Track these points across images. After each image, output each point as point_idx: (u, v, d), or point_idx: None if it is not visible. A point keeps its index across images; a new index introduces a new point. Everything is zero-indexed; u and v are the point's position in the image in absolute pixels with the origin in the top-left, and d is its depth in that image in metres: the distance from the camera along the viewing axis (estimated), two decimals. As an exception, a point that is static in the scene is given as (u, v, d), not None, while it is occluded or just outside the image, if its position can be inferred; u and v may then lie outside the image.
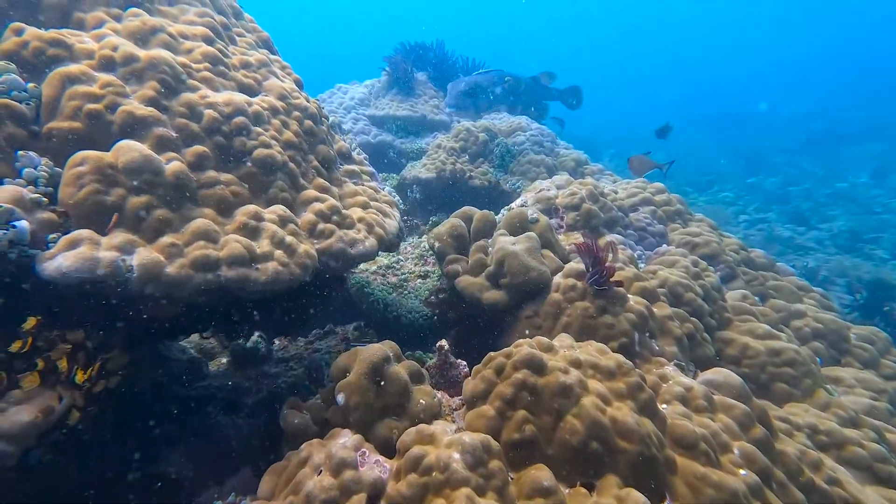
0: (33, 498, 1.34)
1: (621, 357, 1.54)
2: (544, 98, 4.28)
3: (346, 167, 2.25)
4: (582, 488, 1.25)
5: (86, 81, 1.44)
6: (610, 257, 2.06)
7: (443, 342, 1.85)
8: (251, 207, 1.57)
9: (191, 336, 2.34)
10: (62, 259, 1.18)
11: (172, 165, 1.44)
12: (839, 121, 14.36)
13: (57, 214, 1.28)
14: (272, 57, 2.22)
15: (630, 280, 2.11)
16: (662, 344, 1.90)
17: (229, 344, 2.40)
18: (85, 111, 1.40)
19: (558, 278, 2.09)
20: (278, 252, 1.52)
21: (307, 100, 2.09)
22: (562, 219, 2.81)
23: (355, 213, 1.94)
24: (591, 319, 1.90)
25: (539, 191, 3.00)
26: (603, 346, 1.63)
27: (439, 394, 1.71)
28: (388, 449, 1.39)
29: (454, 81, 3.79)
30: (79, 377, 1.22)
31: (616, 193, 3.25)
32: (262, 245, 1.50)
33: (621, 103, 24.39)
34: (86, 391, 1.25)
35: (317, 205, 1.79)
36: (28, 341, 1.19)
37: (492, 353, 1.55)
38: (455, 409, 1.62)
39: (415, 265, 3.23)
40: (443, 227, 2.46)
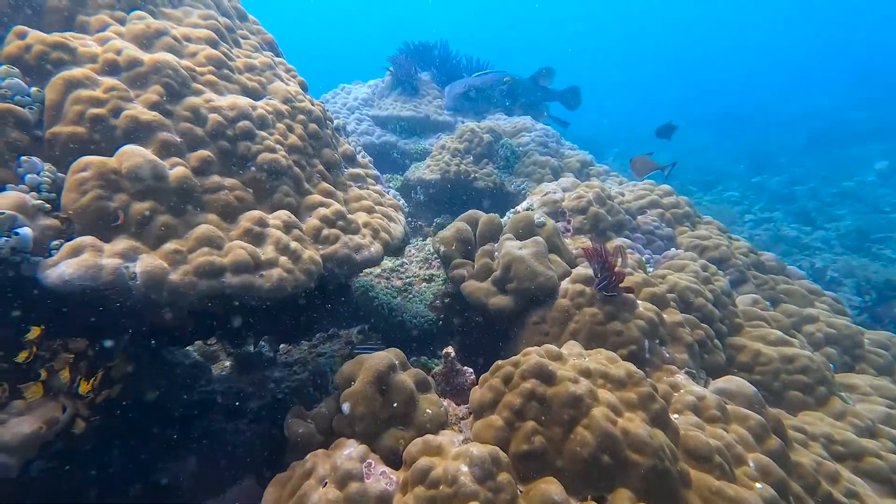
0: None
1: (632, 366, 1.50)
2: (543, 99, 4.25)
3: (351, 171, 2.23)
4: (593, 503, 1.22)
5: (89, 86, 1.42)
6: (619, 262, 2.03)
7: (449, 349, 1.82)
8: (255, 213, 1.55)
9: (194, 343, 2.32)
10: (65, 267, 1.17)
11: (176, 171, 1.42)
12: (843, 120, 14.22)
13: (60, 220, 1.26)
14: (277, 59, 2.20)
15: (639, 286, 2.07)
16: (673, 351, 1.86)
17: (233, 350, 2.38)
18: (88, 116, 1.38)
19: (566, 284, 2.06)
20: (283, 258, 1.49)
21: (312, 103, 2.06)
22: (568, 222, 2.78)
23: (360, 218, 1.92)
24: (600, 326, 1.86)
25: (545, 194, 2.97)
26: (613, 355, 1.59)
27: (445, 402, 1.68)
28: (395, 459, 1.37)
29: (451, 84, 3.76)
30: (83, 388, 1.20)
31: (623, 196, 3.21)
32: (267, 251, 1.48)
33: (624, 103, 24.28)
34: (89, 401, 1.24)
35: (322, 210, 1.76)
36: (32, 351, 1.17)
37: (499, 362, 1.52)
38: (462, 419, 1.59)
39: (419, 268, 3.20)
40: (448, 232, 2.43)
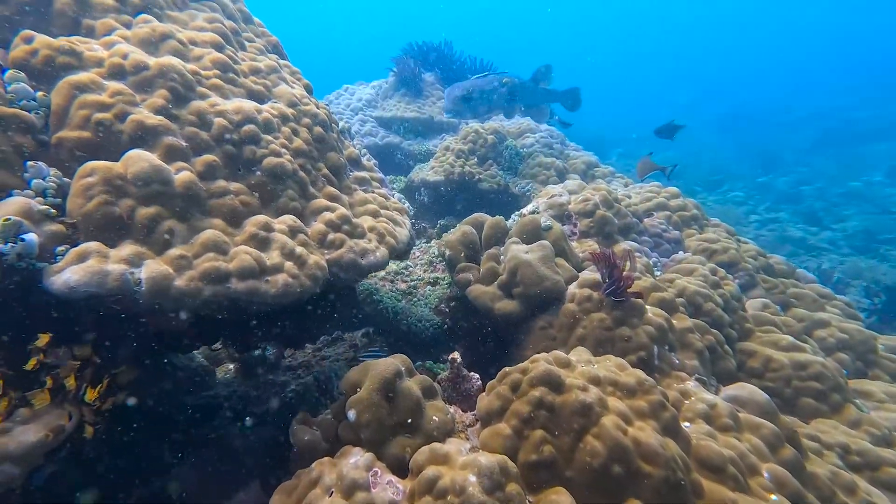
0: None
1: (642, 373, 1.48)
2: (543, 100, 4.22)
3: (356, 174, 2.22)
4: (604, 514, 1.20)
5: (95, 90, 1.42)
6: (627, 266, 2.00)
7: (455, 354, 1.80)
8: (261, 218, 1.54)
9: (199, 348, 2.32)
10: (70, 273, 1.16)
11: (182, 175, 1.41)
12: (850, 120, 14.08)
13: (65, 226, 1.25)
14: (282, 62, 2.19)
15: (647, 290, 2.05)
16: (683, 357, 1.83)
17: (239, 355, 2.38)
18: (94, 120, 1.38)
19: (573, 288, 2.04)
20: (288, 264, 1.48)
21: (317, 106, 2.05)
22: (575, 225, 2.75)
23: (366, 222, 1.90)
24: (608, 331, 1.84)
25: (551, 196, 2.95)
26: (622, 361, 1.57)
27: (452, 409, 1.66)
28: (401, 468, 1.35)
29: (451, 87, 3.74)
30: (89, 395, 1.20)
31: (629, 198, 3.18)
32: (272, 256, 1.47)
33: (627, 102, 24.18)
34: (95, 408, 1.23)
35: (327, 214, 1.75)
36: (40, 358, 1.16)
37: (507, 368, 1.50)
38: (469, 426, 1.57)
39: (424, 271, 3.19)
40: (453, 235, 2.41)
